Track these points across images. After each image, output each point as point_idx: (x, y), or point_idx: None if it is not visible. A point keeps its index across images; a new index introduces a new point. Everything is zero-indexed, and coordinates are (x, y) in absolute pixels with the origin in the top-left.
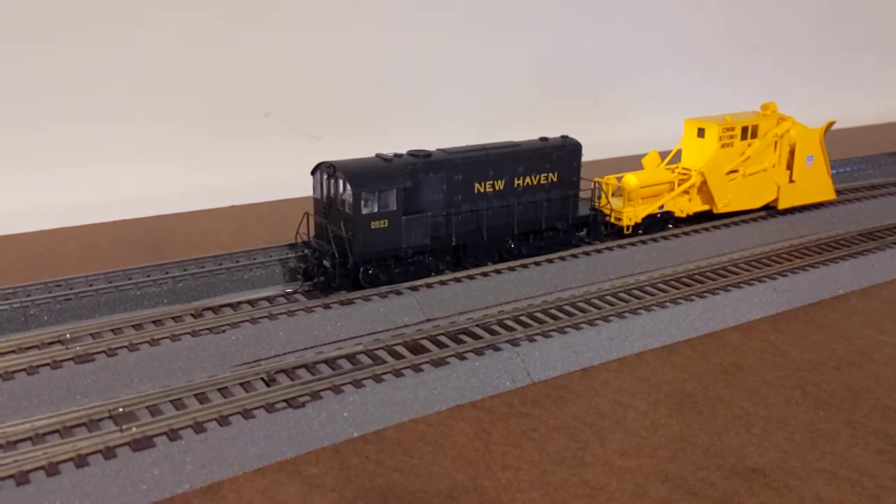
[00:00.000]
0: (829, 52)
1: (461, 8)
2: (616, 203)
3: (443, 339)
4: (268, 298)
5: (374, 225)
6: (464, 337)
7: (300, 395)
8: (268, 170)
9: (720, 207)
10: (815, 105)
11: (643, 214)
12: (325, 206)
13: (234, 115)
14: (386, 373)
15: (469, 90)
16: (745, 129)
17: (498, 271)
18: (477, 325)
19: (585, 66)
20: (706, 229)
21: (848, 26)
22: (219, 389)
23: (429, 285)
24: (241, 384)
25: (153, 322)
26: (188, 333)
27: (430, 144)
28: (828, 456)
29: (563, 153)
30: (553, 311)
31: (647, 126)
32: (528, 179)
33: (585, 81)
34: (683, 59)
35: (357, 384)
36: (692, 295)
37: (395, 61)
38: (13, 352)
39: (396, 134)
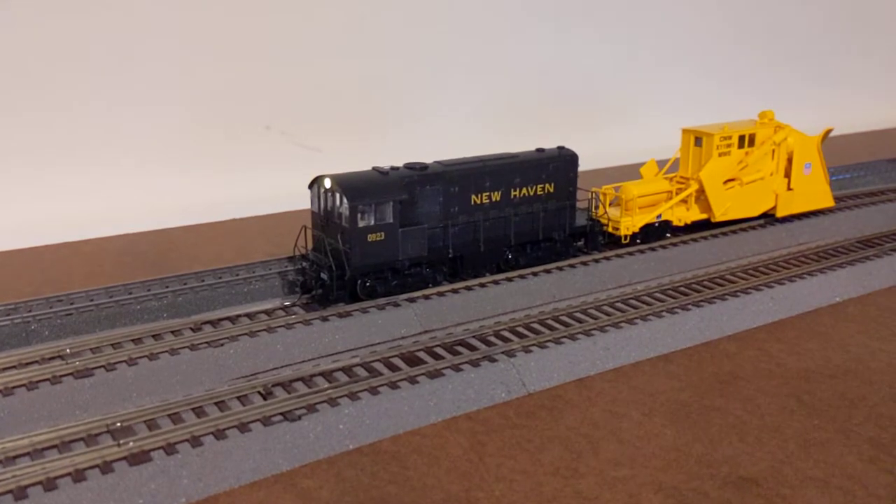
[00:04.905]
0: (826, 60)
1: (459, 21)
2: (614, 213)
3: (439, 350)
4: (266, 311)
5: (371, 237)
6: (460, 348)
7: (297, 408)
8: (269, 183)
9: (718, 216)
10: (812, 113)
11: (641, 224)
12: (323, 220)
13: (235, 128)
14: (382, 385)
15: (466, 102)
16: (742, 138)
17: (495, 282)
18: (473, 337)
19: (582, 77)
20: (704, 238)
21: (845, 33)
22: (216, 403)
23: (426, 297)
24: (239, 398)
25: (152, 336)
26: (187, 347)
27: (427, 157)
28: (820, 464)
29: (560, 164)
30: (549, 322)
31: (644, 135)
32: (524, 190)
33: (582, 92)
34: (680, 69)
35: (353, 396)
36: (689, 304)
37: (392, 74)
38: (13, 367)
39: (394, 147)
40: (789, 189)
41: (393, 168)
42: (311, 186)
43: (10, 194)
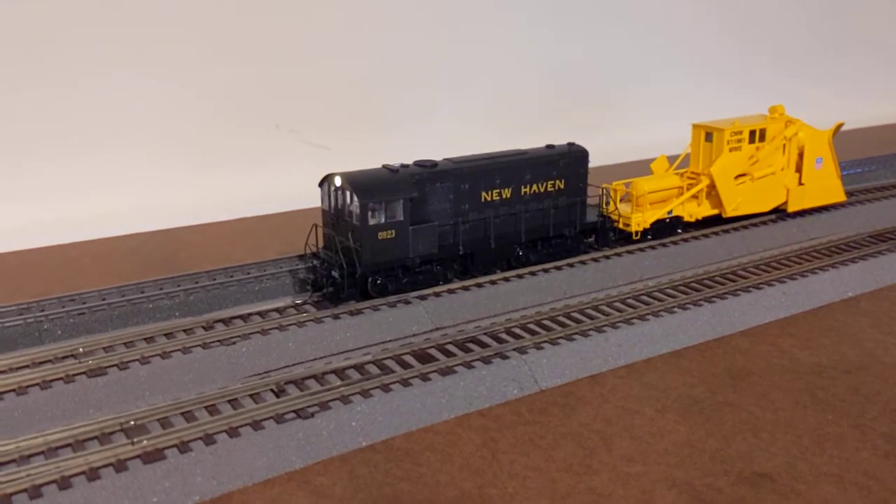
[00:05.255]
0: (837, 53)
1: (468, 18)
2: (624, 209)
3: (451, 347)
4: (278, 309)
5: (382, 235)
6: (471, 345)
7: (309, 406)
8: (278, 181)
9: (729, 211)
10: (823, 107)
11: (652, 220)
12: (334, 218)
13: (244, 127)
14: (394, 382)
15: (476, 99)
16: (753, 133)
17: (506, 279)
18: (485, 334)
19: (592, 73)
20: (715, 234)
21: (856, 26)
22: (229, 401)
23: (437, 294)
24: (251, 395)
25: (165, 335)
26: (199, 346)
27: (437, 154)
28: (835, 460)
29: (570, 160)
30: (561, 319)
31: (654, 131)
32: (534, 187)
33: (592, 87)
34: (690, 64)
35: (365, 394)
36: (701, 300)
37: (401, 72)
38: (27, 367)
39: (403, 144)
40: (800, 184)
41: (403, 165)
42: (321, 184)
43: (20, 194)
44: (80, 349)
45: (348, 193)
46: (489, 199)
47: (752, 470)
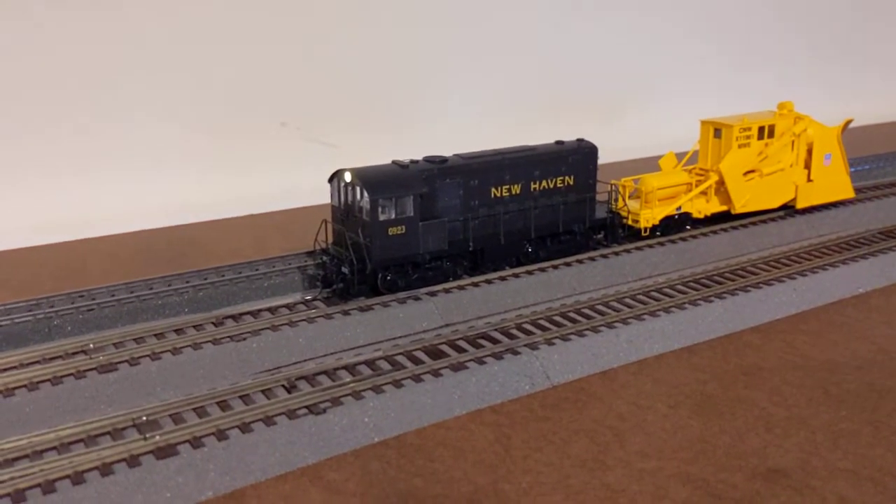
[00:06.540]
0: (845, 50)
1: (477, 13)
2: (633, 205)
3: (462, 343)
4: (287, 306)
5: (392, 231)
6: (483, 341)
7: (321, 402)
8: (285, 178)
9: (738, 208)
10: (832, 103)
11: (661, 216)
12: (343, 214)
13: (252, 124)
14: (406, 378)
15: (485, 95)
16: (761, 129)
17: (516, 275)
18: (496, 330)
19: (601, 69)
20: (724, 230)
21: (865, 23)
22: (240, 397)
23: (447, 290)
24: (263, 391)
25: (175, 331)
26: (209, 342)
27: (447, 150)
28: (849, 456)
29: (579, 156)
30: (571, 315)
31: (663, 128)
32: (544, 183)
33: (601, 84)
34: (699, 60)
35: (377, 390)
36: (711, 296)
37: (410, 68)
38: (38, 362)
39: (413, 140)
40: (809, 180)
41: (413, 161)
42: (330, 180)
43: (29, 192)
44: (91, 345)
45: (358, 189)
46: (499, 195)
47: (767, 466)
